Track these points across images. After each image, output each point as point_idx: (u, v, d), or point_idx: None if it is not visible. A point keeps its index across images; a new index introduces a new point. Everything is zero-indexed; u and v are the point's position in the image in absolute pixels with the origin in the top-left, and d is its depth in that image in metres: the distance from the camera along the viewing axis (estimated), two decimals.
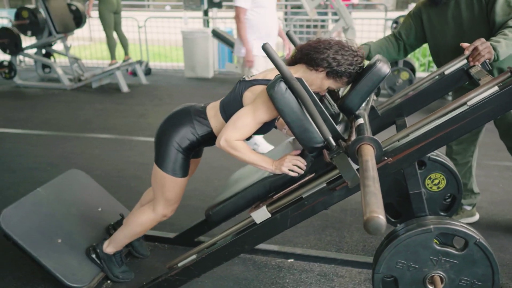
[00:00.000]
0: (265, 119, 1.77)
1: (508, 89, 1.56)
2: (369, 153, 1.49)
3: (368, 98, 1.93)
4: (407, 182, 1.85)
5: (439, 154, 2.25)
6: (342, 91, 2.00)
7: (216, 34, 6.18)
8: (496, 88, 1.59)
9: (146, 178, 3.23)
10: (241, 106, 1.84)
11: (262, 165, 1.81)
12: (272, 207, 1.85)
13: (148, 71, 7.23)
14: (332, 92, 1.98)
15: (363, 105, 1.95)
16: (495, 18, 2.17)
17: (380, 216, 1.09)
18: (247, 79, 1.85)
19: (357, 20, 7.29)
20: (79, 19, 6.71)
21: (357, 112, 1.89)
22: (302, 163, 1.77)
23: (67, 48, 6.59)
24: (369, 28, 7.20)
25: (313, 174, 1.86)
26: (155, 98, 5.91)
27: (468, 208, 2.79)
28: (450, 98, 4.61)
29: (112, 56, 7.22)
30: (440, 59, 2.43)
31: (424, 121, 1.68)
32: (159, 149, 1.98)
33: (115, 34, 7.11)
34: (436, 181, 2.28)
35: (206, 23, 7.41)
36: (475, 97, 1.60)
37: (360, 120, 1.81)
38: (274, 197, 1.89)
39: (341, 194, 1.76)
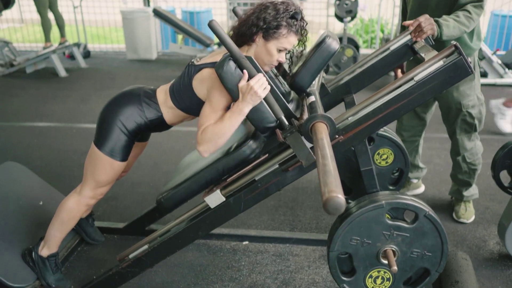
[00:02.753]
0: (224, 104, 1.70)
1: (452, 63, 1.59)
2: (323, 131, 1.47)
3: (318, 75, 1.91)
4: (358, 159, 1.86)
5: (386, 130, 2.29)
6: (290, 68, 1.97)
7: (158, 13, 5.96)
8: (441, 62, 1.61)
9: None
10: (192, 90, 1.76)
11: (239, 116, 1.65)
12: (226, 190, 1.81)
13: (87, 54, 6.88)
14: (282, 70, 1.95)
15: (313, 82, 1.93)
16: None
17: (339, 195, 1.07)
18: (196, 63, 1.78)
19: None
20: (7, 0, 6.23)
21: (308, 90, 1.87)
22: (261, 78, 1.63)
23: None
24: (313, 6, 7.22)
25: (266, 155, 1.83)
26: (96, 82, 5.64)
27: (415, 181, 2.89)
28: (392, 74, 4.72)
29: (47, 38, 6.80)
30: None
31: (373, 98, 1.68)
32: (101, 128, 1.87)
33: (50, 15, 6.68)
34: (384, 156, 2.33)
35: (147, 2, 7.12)
36: (422, 72, 1.62)
37: (312, 98, 1.79)
38: (227, 180, 1.85)
39: (294, 174, 1.74)
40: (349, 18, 5.54)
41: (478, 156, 2.53)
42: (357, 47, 5.76)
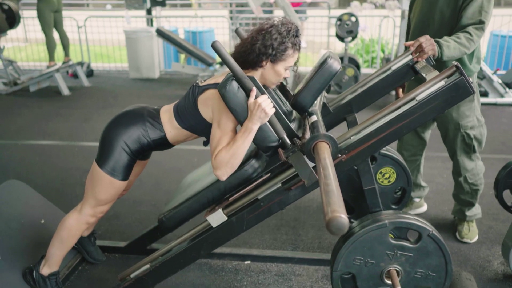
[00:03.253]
0: (233, 125, 1.72)
1: (454, 83, 1.61)
2: (325, 150, 1.48)
3: (320, 95, 1.93)
4: (361, 179, 1.86)
5: (388, 149, 2.29)
6: (292, 87, 1.99)
7: (161, 33, 6.03)
8: (442, 82, 1.63)
9: None
10: (196, 110, 1.78)
11: (249, 135, 1.66)
12: (228, 209, 1.81)
13: (90, 73, 6.94)
14: (284, 90, 1.96)
15: (315, 102, 1.94)
16: (462, 18, 2.19)
17: (342, 215, 1.07)
18: (200, 84, 1.80)
19: (304, 18, 7.37)
20: (12, 19, 6.30)
21: (310, 110, 1.88)
22: (265, 98, 1.64)
23: (0, 50, 6.19)
24: (314, 26, 7.31)
25: (269, 174, 1.83)
26: (98, 100, 5.68)
27: (417, 200, 2.88)
28: (393, 93, 4.77)
29: (51, 57, 6.86)
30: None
31: (375, 117, 1.69)
32: (103, 147, 1.87)
33: (55, 34, 6.76)
34: (386, 175, 2.32)
35: (150, 22, 7.21)
36: (423, 92, 1.64)
37: (314, 117, 1.80)
38: (229, 199, 1.84)
39: (297, 193, 1.75)
40: (350, 38, 5.60)
41: (480, 176, 2.52)
42: (358, 66, 5.81)
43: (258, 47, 1.69)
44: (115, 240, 2.59)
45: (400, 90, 2.45)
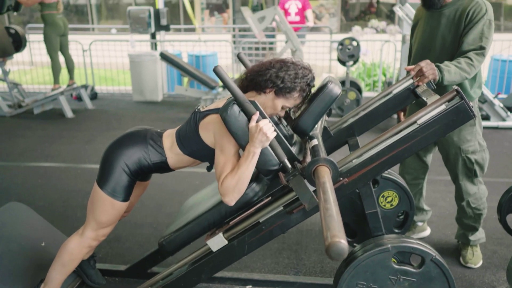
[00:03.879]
0: (235, 150, 1.73)
1: (455, 107, 1.62)
2: (325, 174, 1.48)
3: (321, 119, 1.94)
4: (363, 202, 1.86)
5: (391, 172, 2.29)
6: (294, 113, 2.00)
7: (164, 57, 6.11)
8: (443, 106, 1.64)
9: None
10: (198, 136, 1.79)
11: (253, 159, 1.66)
12: (228, 233, 1.80)
13: (94, 96, 7.00)
14: (286, 114, 1.98)
15: (316, 126, 1.95)
16: (463, 44, 2.22)
17: (341, 240, 1.06)
18: (201, 109, 1.82)
19: (305, 42, 7.46)
20: (18, 43, 6.41)
21: (311, 133, 1.89)
22: (267, 122, 1.65)
23: (5, 73, 6.26)
24: (316, 50, 7.39)
25: (270, 198, 1.83)
26: (102, 123, 5.71)
27: (420, 224, 2.85)
28: (395, 116, 4.79)
29: (56, 80, 6.94)
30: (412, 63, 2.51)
31: (377, 140, 1.70)
32: (104, 168, 1.88)
33: (61, 57, 6.86)
34: (389, 199, 2.31)
35: (154, 46, 7.31)
36: (424, 116, 1.65)
37: (315, 141, 1.81)
38: (230, 223, 1.84)
39: (298, 217, 1.74)
40: (351, 62, 5.66)
41: (483, 201, 2.51)
42: (359, 90, 5.85)
43: (271, 74, 1.71)
44: (115, 263, 2.57)
45: (402, 113, 2.46)
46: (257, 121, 1.64)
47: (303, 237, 2.89)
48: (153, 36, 7.25)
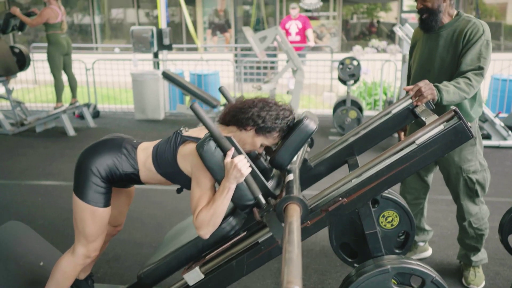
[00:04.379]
0: (211, 184, 1.74)
1: (453, 127, 1.62)
2: (294, 213, 1.48)
3: (299, 152, 1.94)
4: (362, 222, 1.85)
5: (391, 192, 2.27)
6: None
7: (166, 76, 6.16)
8: (441, 126, 1.64)
9: None
10: (175, 161, 1.81)
11: (227, 194, 1.68)
12: (205, 267, 1.79)
13: (96, 114, 7.05)
14: (267, 147, 1.99)
15: (294, 159, 1.95)
16: (461, 64, 2.24)
17: (296, 287, 1.03)
18: (183, 133, 1.84)
19: (305, 62, 7.53)
20: (22, 62, 6.49)
21: (288, 167, 1.89)
22: (242, 158, 1.67)
23: (9, 91, 6.32)
24: (317, 69, 7.45)
25: (245, 232, 1.83)
26: None
27: (422, 244, 2.83)
28: (396, 135, 4.80)
29: (59, 99, 6.99)
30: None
31: (376, 160, 1.70)
32: (78, 175, 1.87)
33: (64, 76, 6.92)
34: (389, 219, 2.29)
35: (156, 65, 7.38)
36: (423, 136, 1.65)
37: (290, 176, 1.81)
38: (206, 257, 1.83)
39: (275, 252, 1.73)
40: (352, 81, 5.69)
41: (485, 221, 2.49)
42: (360, 109, 5.87)
43: (253, 112, 1.74)
44: (114, 283, 2.55)
45: (402, 133, 2.47)
46: (233, 157, 1.65)
47: (303, 258, 2.86)
48: (155, 55, 7.33)
